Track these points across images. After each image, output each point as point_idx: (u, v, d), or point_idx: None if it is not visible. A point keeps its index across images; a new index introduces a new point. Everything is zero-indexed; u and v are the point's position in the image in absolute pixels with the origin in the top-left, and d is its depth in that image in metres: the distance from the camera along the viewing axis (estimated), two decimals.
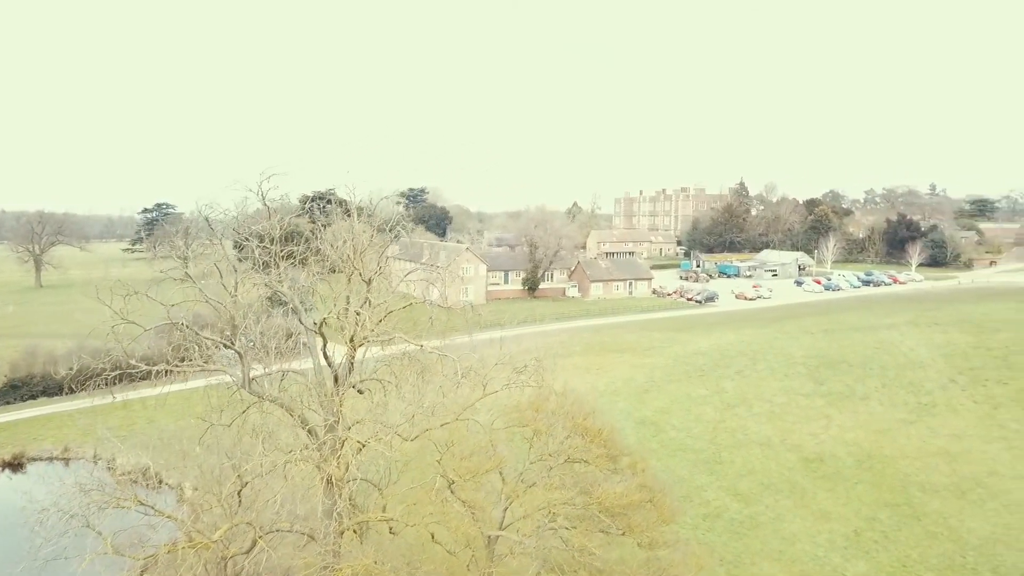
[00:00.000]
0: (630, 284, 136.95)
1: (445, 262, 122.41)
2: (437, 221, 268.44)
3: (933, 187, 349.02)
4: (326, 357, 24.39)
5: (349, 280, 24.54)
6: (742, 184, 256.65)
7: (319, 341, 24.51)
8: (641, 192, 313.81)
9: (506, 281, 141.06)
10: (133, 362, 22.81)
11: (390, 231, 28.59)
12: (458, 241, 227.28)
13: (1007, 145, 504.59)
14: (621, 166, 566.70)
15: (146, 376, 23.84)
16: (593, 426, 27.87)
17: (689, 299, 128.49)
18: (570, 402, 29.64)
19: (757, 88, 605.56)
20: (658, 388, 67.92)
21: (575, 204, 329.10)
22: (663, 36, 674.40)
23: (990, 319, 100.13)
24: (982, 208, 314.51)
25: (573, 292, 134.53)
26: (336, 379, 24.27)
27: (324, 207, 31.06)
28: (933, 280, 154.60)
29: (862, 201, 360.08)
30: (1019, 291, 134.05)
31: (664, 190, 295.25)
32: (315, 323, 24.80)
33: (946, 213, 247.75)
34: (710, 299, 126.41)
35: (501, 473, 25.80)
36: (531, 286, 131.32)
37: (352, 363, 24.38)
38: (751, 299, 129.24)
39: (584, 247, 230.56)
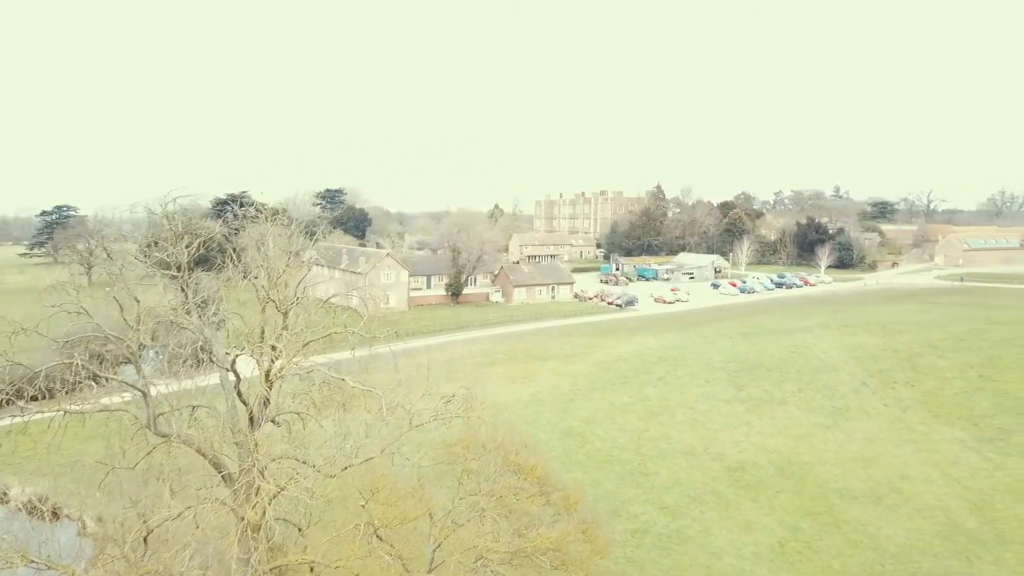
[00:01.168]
0: (553, 289, 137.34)
1: (365, 268, 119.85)
2: (356, 223, 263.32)
3: (837, 189, 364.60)
4: (240, 395, 22.72)
5: (263, 309, 22.93)
6: (659, 187, 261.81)
7: (232, 378, 22.82)
8: (561, 195, 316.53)
9: (429, 286, 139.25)
10: (22, 404, 20.62)
11: (309, 236, 26.96)
12: (378, 244, 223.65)
13: (904, 149, 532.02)
14: (541, 168, 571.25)
15: (41, 407, 21.72)
16: (527, 463, 27.03)
17: (610, 303, 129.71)
18: (501, 435, 28.63)
19: (671, 91, 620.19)
20: (583, 397, 67.82)
21: (496, 206, 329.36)
22: (581, 39, 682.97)
23: (895, 320, 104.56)
24: (883, 210, 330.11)
25: (497, 297, 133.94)
26: (251, 418, 22.64)
27: (237, 210, 29.09)
28: (841, 282, 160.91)
29: (772, 203, 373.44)
30: (919, 292, 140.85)
31: (583, 193, 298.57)
32: (228, 355, 23.07)
33: (850, 215, 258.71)
34: (630, 303, 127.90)
35: (431, 514, 24.65)
36: (454, 292, 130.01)
37: (268, 399, 22.79)
38: (670, 302, 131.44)
39: (506, 250, 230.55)
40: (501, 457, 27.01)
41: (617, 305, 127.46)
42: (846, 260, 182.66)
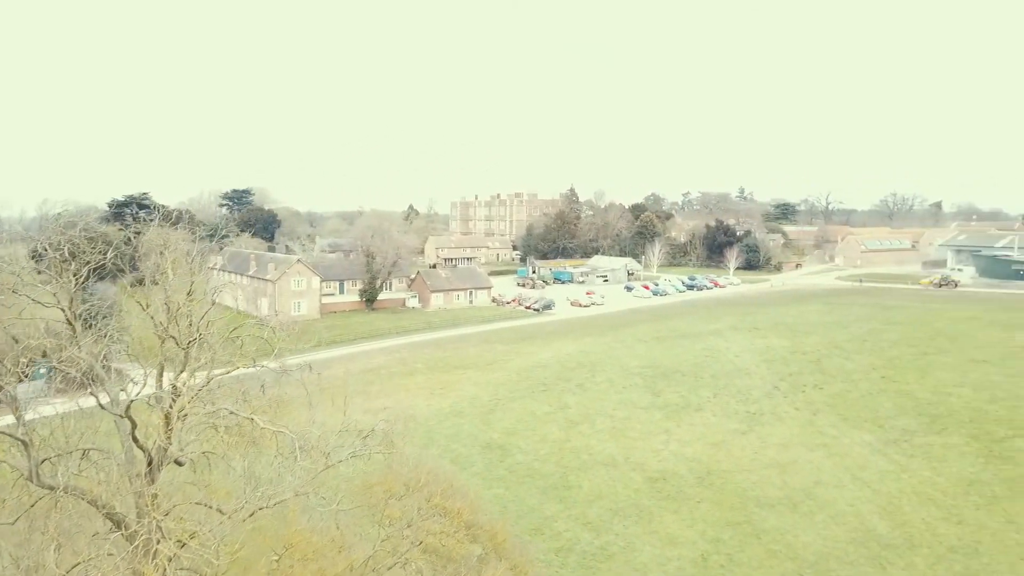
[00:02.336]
0: (470, 293, 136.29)
1: (275, 275, 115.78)
2: (264, 225, 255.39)
3: (742, 190, 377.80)
4: (136, 441, 20.71)
5: (163, 343, 20.98)
6: (572, 190, 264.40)
7: (127, 425, 20.78)
8: (477, 197, 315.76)
9: (342, 291, 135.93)
10: None
11: (216, 239, 24.96)
12: (288, 247, 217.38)
13: (802, 151, 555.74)
14: (456, 168, 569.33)
15: None
16: (452, 506, 25.81)
17: (527, 307, 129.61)
18: (424, 473, 27.30)
19: (579, 92, 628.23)
20: (503, 407, 67.03)
21: (411, 207, 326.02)
22: (496, 39, 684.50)
23: (801, 322, 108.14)
24: (785, 212, 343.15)
25: (413, 303, 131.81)
26: (150, 463, 20.68)
27: (137, 213, 26.82)
28: (749, 283, 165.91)
29: (680, 203, 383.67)
30: (822, 293, 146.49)
31: (499, 195, 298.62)
32: (122, 395, 21.01)
33: (755, 217, 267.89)
34: (547, 307, 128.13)
35: (351, 566, 23.20)
36: (369, 298, 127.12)
37: (168, 442, 20.84)
38: (586, 306, 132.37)
39: (422, 252, 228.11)
40: (425, 498, 25.70)
41: (535, 309, 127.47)
42: (753, 262, 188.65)
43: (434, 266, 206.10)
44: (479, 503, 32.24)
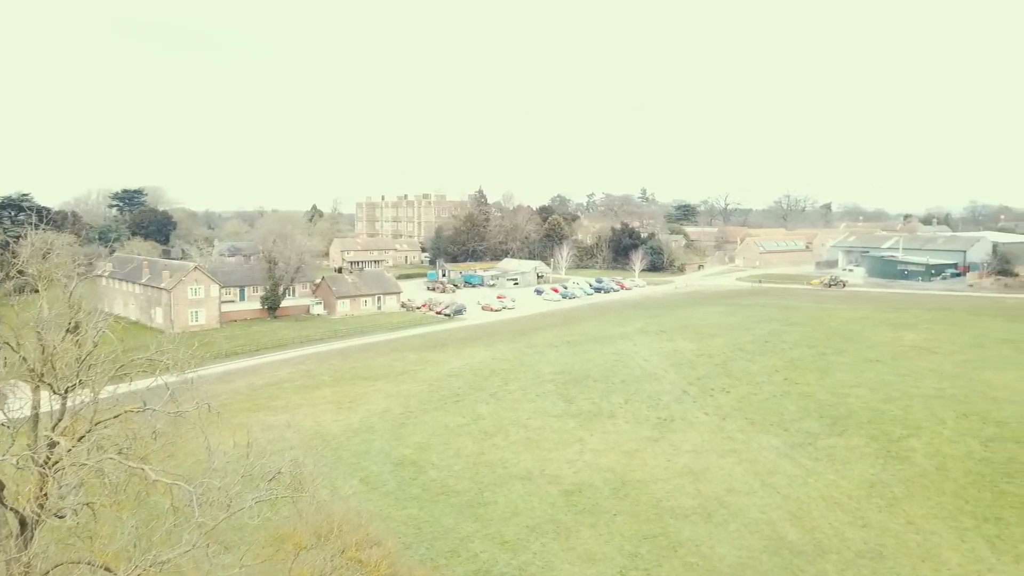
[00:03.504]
0: (379, 299, 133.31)
1: (169, 283, 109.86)
2: (158, 227, 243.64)
3: (644, 192, 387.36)
4: (3, 502, 18.28)
5: (35, 388, 18.60)
6: (481, 192, 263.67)
7: None
8: (383, 197, 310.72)
9: (242, 298, 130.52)
10: None
11: (105, 243, 22.55)
12: (184, 252, 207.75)
13: (702, 154, 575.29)
14: (361, 166, 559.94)
15: None
16: (369, 558, 24.16)
17: (438, 312, 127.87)
18: (338, 522, 25.46)
19: (486, 93, 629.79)
20: (415, 420, 65.35)
21: (315, 207, 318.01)
22: (401, 39, 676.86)
23: (706, 324, 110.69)
24: (686, 213, 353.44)
25: (319, 310, 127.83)
26: (23, 522, 18.29)
27: (16, 215, 24.00)
28: (654, 285, 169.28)
29: (585, 205, 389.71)
30: (725, 294, 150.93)
31: (406, 196, 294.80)
32: None
33: (658, 218, 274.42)
34: (459, 312, 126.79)
35: None
36: (272, 305, 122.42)
37: (44, 498, 18.48)
38: (497, 310, 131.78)
39: (327, 255, 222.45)
40: (339, 550, 23.96)
41: (446, 314, 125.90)
42: (657, 264, 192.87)
43: (340, 270, 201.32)
44: (398, 556, 30.41)
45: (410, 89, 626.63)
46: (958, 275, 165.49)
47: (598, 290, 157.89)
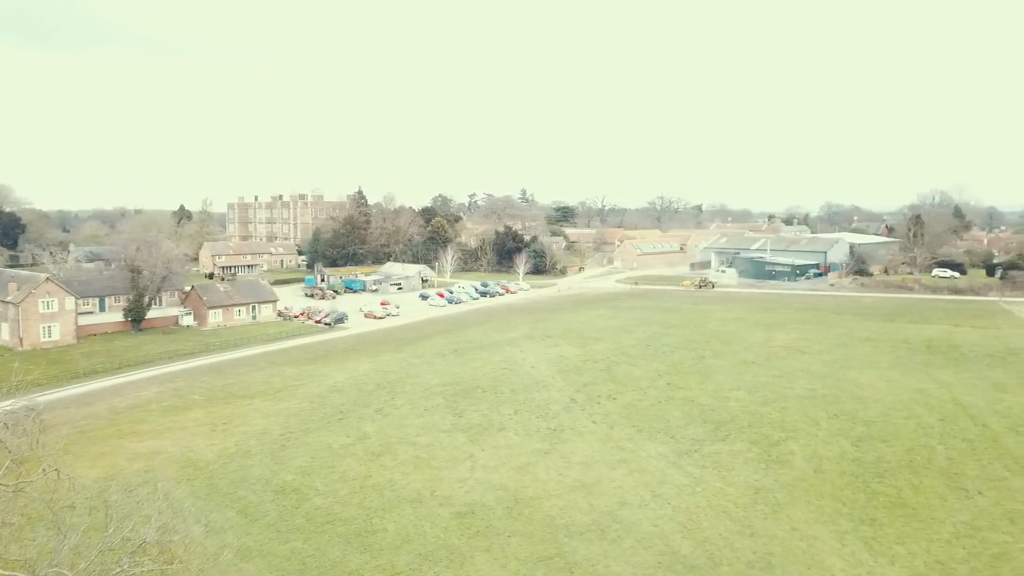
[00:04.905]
0: (253, 308, 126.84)
1: (17, 297, 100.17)
2: (5, 231, 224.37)
3: (524, 192, 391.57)
4: None
5: None
6: (360, 192, 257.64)
7: None
8: (257, 197, 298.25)
9: (103, 309, 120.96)
10: None
11: None
12: (35, 258, 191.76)
13: (580, 156, 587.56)
14: (232, 165, 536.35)
15: None
16: None
17: (318, 321, 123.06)
18: None
19: (362, 91, 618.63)
20: (297, 441, 61.97)
21: (182, 208, 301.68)
22: (270, 36, 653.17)
23: (589, 328, 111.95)
24: (565, 214, 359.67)
25: (188, 321, 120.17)
26: None
27: None
28: (538, 288, 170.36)
29: (467, 205, 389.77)
30: (606, 297, 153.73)
31: (281, 196, 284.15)
32: None
33: (539, 220, 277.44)
34: (340, 320, 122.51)
35: None
36: (136, 317, 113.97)
37: None
38: (380, 317, 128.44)
39: (196, 260, 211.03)
40: None
41: (326, 323, 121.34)
42: (540, 266, 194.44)
43: (211, 276, 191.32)
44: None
45: (283, 85, 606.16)
46: (820, 275, 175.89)
47: (484, 294, 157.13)
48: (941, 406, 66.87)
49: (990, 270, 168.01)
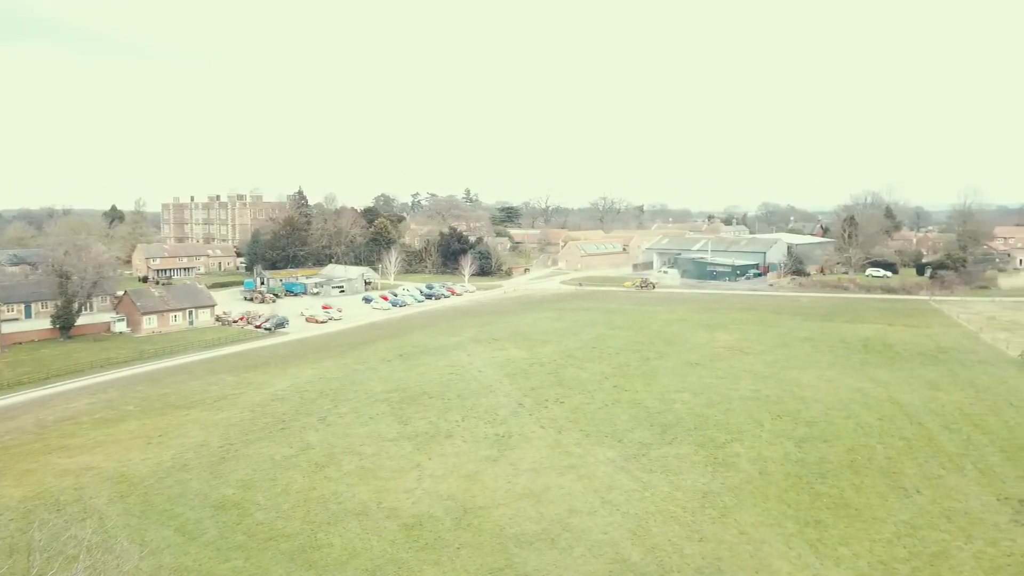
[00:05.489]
0: (190, 313, 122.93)
1: None
2: None
3: (468, 192, 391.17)
4: None
5: None
6: (300, 192, 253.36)
7: None
8: (193, 198, 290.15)
9: (29, 316, 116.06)
10: None
11: None
12: None
13: (524, 156, 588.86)
14: (166, 164, 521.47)
15: None
16: None
17: (258, 326, 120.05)
18: None
19: (301, 89, 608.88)
20: (236, 453, 60.00)
21: (114, 208, 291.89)
22: (203, 30, 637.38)
23: (536, 331, 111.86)
24: (510, 215, 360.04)
25: (121, 327, 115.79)
26: None
27: None
28: (483, 290, 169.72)
29: (411, 205, 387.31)
30: (551, 298, 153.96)
31: (219, 196, 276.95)
32: None
33: (483, 220, 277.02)
34: (280, 325, 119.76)
35: None
36: (64, 324, 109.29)
37: None
38: (323, 322, 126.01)
39: (129, 263, 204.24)
40: None
41: (267, 328, 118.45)
42: (486, 268, 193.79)
43: (145, 279, 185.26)
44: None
45: (218, 82, 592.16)
46: (760, 275, 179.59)
47: (429, 296, 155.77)
48: (879, 405, 68.61)
49: (920, 269, 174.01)
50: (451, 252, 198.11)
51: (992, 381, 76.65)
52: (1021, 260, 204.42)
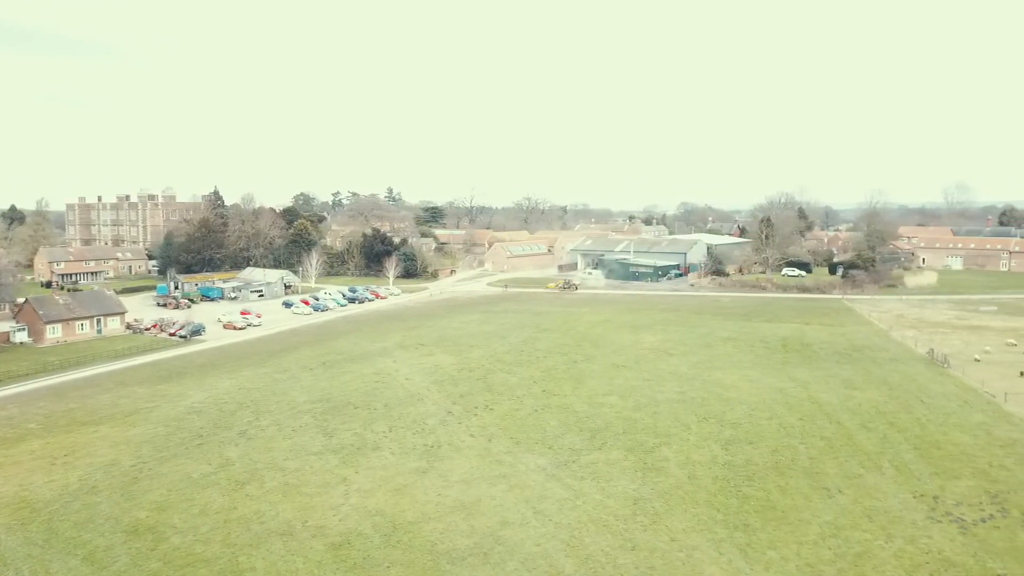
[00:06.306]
0: (98, 321, 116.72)
1: None
2: None
3: (391, 191, 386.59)
4: None
5: None
6: (216, 192, 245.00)
7: None
8: (100, 198, 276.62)
9: None
10: None
11: None
12: None
13: (448, 154, 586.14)
14: (71, 161, 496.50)
15: None
16: None
17: (172, 334, 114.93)
18: None
19: (215, 85, 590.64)
20: (151, 472, 56.93)
21: (13, 208, 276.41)
22: (107, 22, 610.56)
23: (463, 334, 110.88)
24: (434, 215, 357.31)
25: (22, 337, 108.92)
26: None
27: None
28: (409, 293, 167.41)
29: (331, 204, 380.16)
30: (478, 301, 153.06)
31: (128, 196, 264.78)
32: None
33: (407, 221, 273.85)
34: (196, 332, 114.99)
35: None
36: None
37: None
38: (241, 328, 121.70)
39: (31, 267, 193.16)
40: None
41: (181, 336, 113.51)
42: (411, 270, 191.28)
43: (48, 285, 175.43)
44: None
45: (128, 77, 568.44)
46: (681, 275, 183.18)
47: (352, 300, 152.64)
48: (800, 405, 70.47)
49: (832, 268, 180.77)
50: (375, 254, 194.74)
51: (903, 379, 79.87)
52: (924, 259, 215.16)
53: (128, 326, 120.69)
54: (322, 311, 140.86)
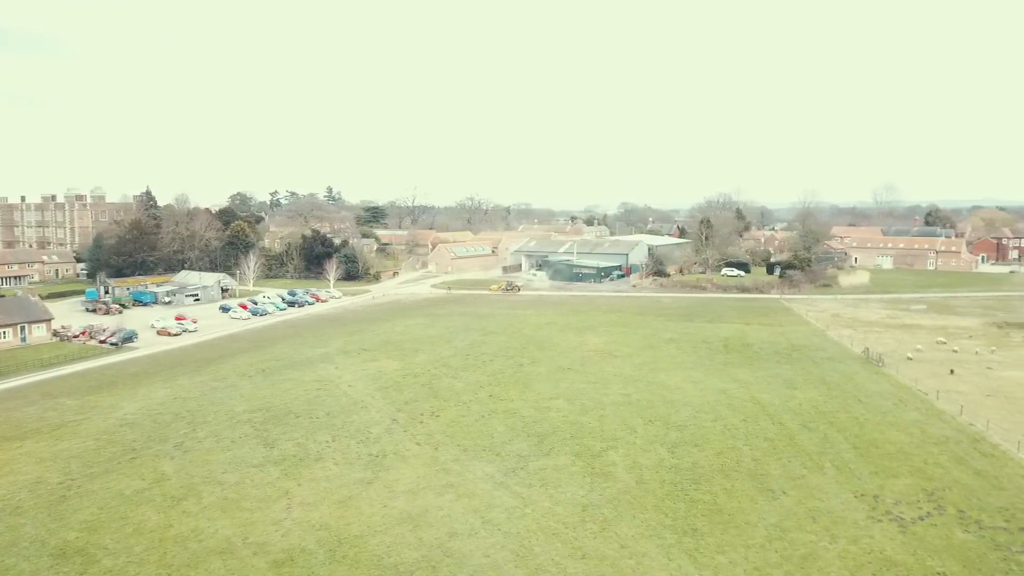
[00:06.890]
0: (22, 329, 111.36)
1: None
2: None
3: (330, 191, 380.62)
4: None
5: None
6: (148, 193, 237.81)
7: None
8: (24, 198, 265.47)
9: None
10: None
11: None
12: None
13: (388, 153, 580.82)
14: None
15: None
16: None
17: (102, 341, 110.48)
18: None
19: (143, 81, 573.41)
20: (80, 490, 54.30)
21: None
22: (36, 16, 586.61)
23: (407, 339, 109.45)
24: (376, 215, 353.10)
25: None
26: None
27: None
28: (350, 296, 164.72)
29: (269, 204, 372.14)
30: (422, 303, 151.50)
31: (54, 196, 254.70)
32: None
33: (348, 222, 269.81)
34: (128, 339, 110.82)
35: None
36: None
37: None
38: (175, 334, 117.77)
39: None
40: None
41: (112, 343, 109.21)
42: (353, 272, 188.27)
43: None
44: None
45: (56, 70, 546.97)
46: (623, 276, 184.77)
47: (292, 304, 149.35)
48: (743, 406, 71.43)
49: (770, 268, 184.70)
50: (315, 256, 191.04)
51: (841, 378, 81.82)
52: (856, 259, 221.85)
53: (55, 333, 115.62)
54: (261, 315, 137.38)
